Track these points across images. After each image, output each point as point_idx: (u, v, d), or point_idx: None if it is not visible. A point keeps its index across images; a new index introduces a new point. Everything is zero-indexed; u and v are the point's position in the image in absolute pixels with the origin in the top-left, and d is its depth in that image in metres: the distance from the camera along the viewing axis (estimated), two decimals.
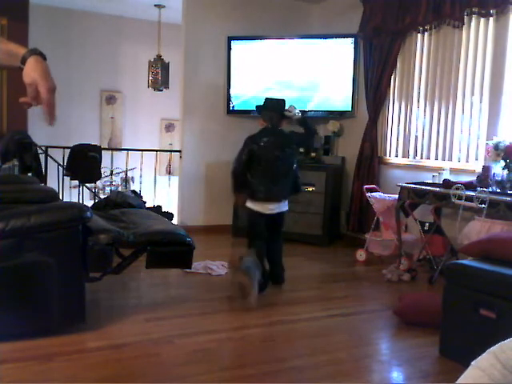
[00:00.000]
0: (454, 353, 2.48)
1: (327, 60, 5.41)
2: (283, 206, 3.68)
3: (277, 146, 3.61)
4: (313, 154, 5.49)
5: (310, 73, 5.49)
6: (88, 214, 2.66)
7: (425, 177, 4.31)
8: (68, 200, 5.70)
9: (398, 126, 4.99)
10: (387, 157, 5.11)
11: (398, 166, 4.94)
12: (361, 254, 4.63)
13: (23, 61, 1.18)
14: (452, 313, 2.57)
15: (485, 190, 3.45)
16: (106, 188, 7.16)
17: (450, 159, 4.38)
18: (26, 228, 2.47)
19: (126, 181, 6.86)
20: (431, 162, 4.57)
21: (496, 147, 3.56)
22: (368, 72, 5.13)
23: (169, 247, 2.94)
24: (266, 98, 3.90)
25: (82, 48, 7.17)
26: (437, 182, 3.97)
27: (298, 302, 3.45)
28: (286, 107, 3.73)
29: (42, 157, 5.34)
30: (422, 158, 4.71)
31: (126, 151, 6.33)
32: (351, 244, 5.18)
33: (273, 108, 3.73)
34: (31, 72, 1.16)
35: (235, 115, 5.76)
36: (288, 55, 5.55)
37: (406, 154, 4.90)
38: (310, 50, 5.48)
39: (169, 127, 7.96)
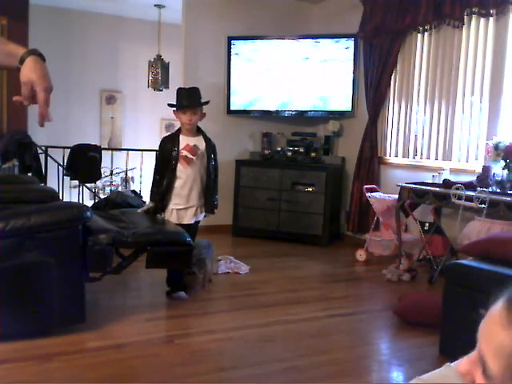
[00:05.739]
0: (454, 353, 2.48)
1: (327, 60, 5.41)
2: None
3: None
4: (313, 154, 5.49)
5: (310, 73, 5.49)
6: (88, 213, 2.66)
7: (425, 177, 4.31)
8: (68, 200, 5.70)
9: (398, 125, 4.99)
10: (387, 157, 5.11)
11: (398, 166, 4.94)
12: (361, 254, 4.63)
13: (21, 61, 1.17)
14: (452, 313, 2.57)
15: (485, 189, 3.45)
16: (106, 188, 7.16)
17: (450, 159, 4.38)
18: (26, 228, 2.47)
19: (126, 181, 6.86)
20: (431, 162, 4.57)
21: (496, 147, 3.56)
22: (368, 72, 5.13)
23: (169, 247, 2.94)
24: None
25: (82, 48, 7.17)
26: (437, 182, 3.96)
27: (297, 301, 3.45)
28: None
29: (42, 157, 5.35)
30: (421, 158, 4.71)
31: (126, 151, 6.33)
32: (351, 244, 5.18)
33: None
34: (28, 72, 1.15)
35: (235, 115, 5.76)
36: (288, 55, 5.55)
37: (405, 154, 4.90)
38: (309, 50, 5.48)
39: (169, 127, 7.95)
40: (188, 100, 3.37)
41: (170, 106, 3.47)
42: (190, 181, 3.35)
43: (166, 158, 3.37)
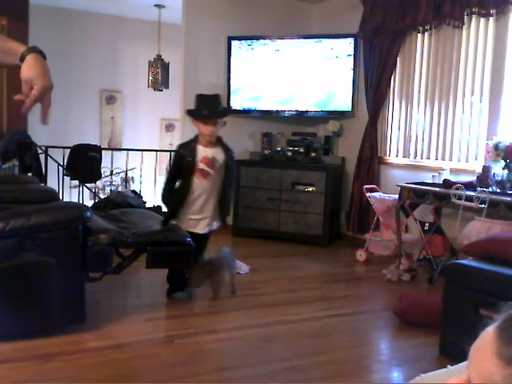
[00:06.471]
0: (454, 353, 2.48)
1: (327, 60, 5.41)
2: None
3: None
4: (313, 154, 5.49)
5: (310, 73, 5.49)
6: (88, 213, 2.66)
7: (425, 177, 4.31)
8: (68, 200, 5.70)
9: (398, 125, 4.99)
10: (387, 157, 5.11)
11: (398, 166, 4.94)
12: (361, 254, 4.63)
13: (22, 58, 1.16)
14: (452, 313, 2.57)
15: (485, 189, 3.45)
16: (106, 188, 7.15)
17: (450, 159, 4.38)
18: (26, 228, 2.47)
19: (126, 181, 6.86)
20: (431, 162, 4.57)
21: (496, 147, 3.56)
22: (368, 72, 5.13)
23: (169, 247, 2.94)
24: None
25: (82, 48, 7.17)
26: (437, 182, 3.97)
27: (298, 301, 3.45)
28: None
29: (42, 157, 5.34)
30: (422, 157, 4.71)
31: (126, 151, 6.33)
32: (351, 244, 5.18)
33: None
34: (28, 70, 1.14)
35: (235, 115, 5.75)
36: (288, 55, 5.55)
37: (406, 154, 4.90)
38: (309, 50, 5.47)
39: (169, 127, 7.96)
40: (210, 109, 3.13)
41: (189, 113, 3.22)
42: (206, 193, 3.18)
43: (182, 168, 3.16)
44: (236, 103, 5.68)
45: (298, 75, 5.54)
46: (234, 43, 5.60)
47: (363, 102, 5.24)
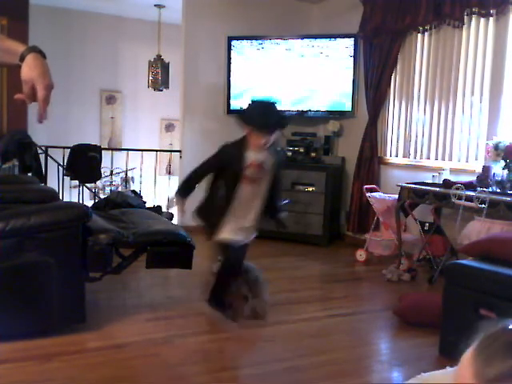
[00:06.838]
0: (454, 353, 2.48)
1: (327, 60, 5.41)
2: None
3: None
4: (313, 154, 5.49)
5: (310, 73, 5.49)
6: (88, 213, 2.66)
7: (425, 177, 4.31)
8: (68, 200, 5.70)
9: (398, 125, 4.99)
10: (387, 157, 5.11)
11: (398, 166, 4.94)
12: (361, 254, 4.63)
13: (22, 58, 1.15)
14: (452, 313, 2.57)
15: (485, 189, 3.45)
16: (106, 188, 7.15)
17: (450, 159, 4.38)
18: (26, 228, 2.47)
19: (126, 181, 6.86)
20: (431, 162, 4.57)
21: (496, 147, 3.56)
22: (368, 72, 5.13)
23: (169, 247, 2.94)
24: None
25: (82, 48, 7.16)
26: (437, 182, 3.97)
27: (298, 301, 3.45)
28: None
29: (42, 157, 5.34)
30: (421, 158, 4.71)
31: (125, 151, 6.33)
32: (351, 244, 5.18)
33: None
34: (29, 69, 1.14)
35: (235, 115, 5.75)
36: (288, 55, 5.55)
37: (406, 154, 4.90)
38: (310, 50, 5.47)
39: (169, 127, 7.96)
40: (267, 120, 2.79)
41: (242, 120, 2.87)
42: (250, 200, 2.88)
43: (223, 169, 2.90)
44: (236, 103, 5.67)
45: (297, 75, 5.53)
46: (234, 43, 5.60)
47: (363, 102, 5.24)
